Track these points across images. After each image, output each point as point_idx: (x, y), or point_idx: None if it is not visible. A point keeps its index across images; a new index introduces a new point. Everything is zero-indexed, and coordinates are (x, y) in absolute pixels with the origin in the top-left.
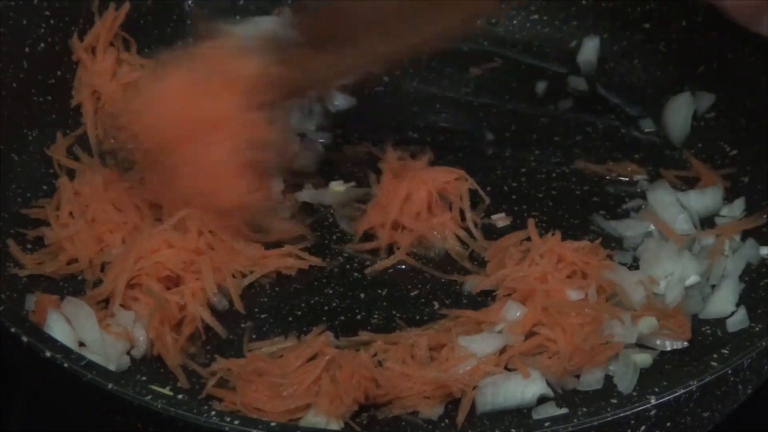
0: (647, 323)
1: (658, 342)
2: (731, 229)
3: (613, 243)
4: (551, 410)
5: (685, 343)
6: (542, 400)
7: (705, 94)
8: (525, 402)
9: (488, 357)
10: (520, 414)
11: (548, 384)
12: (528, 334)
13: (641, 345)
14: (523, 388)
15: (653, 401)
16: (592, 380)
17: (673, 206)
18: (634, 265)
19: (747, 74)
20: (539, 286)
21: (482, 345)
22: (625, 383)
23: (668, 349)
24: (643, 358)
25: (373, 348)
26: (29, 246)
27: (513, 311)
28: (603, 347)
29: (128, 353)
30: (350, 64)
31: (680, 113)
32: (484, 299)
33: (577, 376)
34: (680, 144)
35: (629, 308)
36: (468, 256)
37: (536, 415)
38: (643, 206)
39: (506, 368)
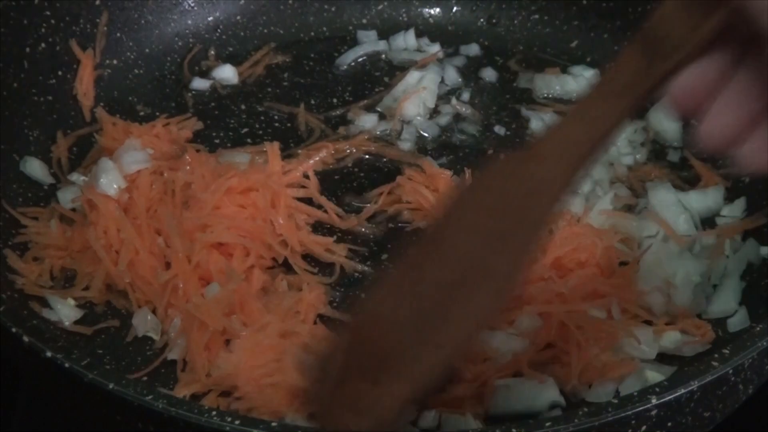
0: (671, 338)
1: (684, 350)
2: (732, 229)
3: None
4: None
5: (708, 346)
6: (552, 407)
7: None
8: (536, 408)
9: (515, 355)
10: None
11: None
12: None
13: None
14: (535, 394)
15: (654, 401)
16: (602, 393)
17: (674, 206)
18: None
19: None
20: (560, 307)
21: (505, 343)
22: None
23: (692, 355)
24: (654, 377)
25: None
26: (30, 247)
27: (528, 323)
28: (617, 363)
29: None
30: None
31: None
32: None
33: (589, 386)
34: (679, 143)
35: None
36: None
37: (540, 415)
38: (644, 206)
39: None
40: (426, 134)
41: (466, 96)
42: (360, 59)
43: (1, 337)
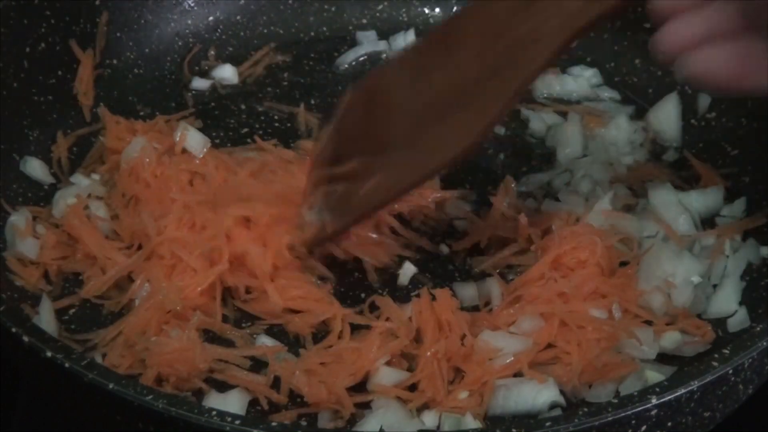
0: (671, 338)
1: (684, 350)
2: (732, 229)
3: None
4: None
5: (708, 346)
6: (552, 407)
7: (704, 94)
8: (536, 408)
9: (517, 355)
10: None
11: (561, 392)
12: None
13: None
14: (535, 394)
15: (654, 401)
16: (602, 393)
17: (674, 206)
18: None
19: None
20: (561, 307)
21: (508, 343)
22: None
23: (692, 355)
24: (654, 377)
25: None
26: None
27: (529, 324)
28: (617, 364)
29: None
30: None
31: (670, 115)
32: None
33: (589, 386)
34: (679, 143)
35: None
36: None
37: (540, 415)
38: (644, 206)
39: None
40: None
41: None
42: (360, 59)
43: (1, 337)
